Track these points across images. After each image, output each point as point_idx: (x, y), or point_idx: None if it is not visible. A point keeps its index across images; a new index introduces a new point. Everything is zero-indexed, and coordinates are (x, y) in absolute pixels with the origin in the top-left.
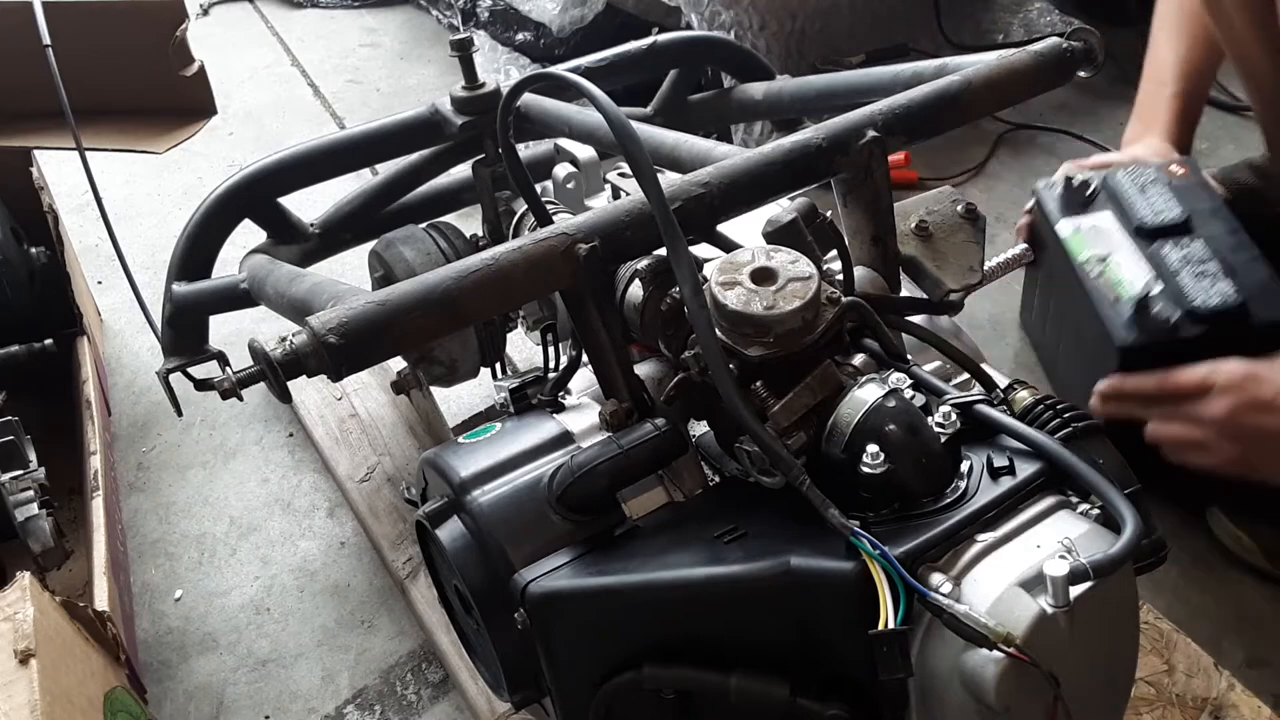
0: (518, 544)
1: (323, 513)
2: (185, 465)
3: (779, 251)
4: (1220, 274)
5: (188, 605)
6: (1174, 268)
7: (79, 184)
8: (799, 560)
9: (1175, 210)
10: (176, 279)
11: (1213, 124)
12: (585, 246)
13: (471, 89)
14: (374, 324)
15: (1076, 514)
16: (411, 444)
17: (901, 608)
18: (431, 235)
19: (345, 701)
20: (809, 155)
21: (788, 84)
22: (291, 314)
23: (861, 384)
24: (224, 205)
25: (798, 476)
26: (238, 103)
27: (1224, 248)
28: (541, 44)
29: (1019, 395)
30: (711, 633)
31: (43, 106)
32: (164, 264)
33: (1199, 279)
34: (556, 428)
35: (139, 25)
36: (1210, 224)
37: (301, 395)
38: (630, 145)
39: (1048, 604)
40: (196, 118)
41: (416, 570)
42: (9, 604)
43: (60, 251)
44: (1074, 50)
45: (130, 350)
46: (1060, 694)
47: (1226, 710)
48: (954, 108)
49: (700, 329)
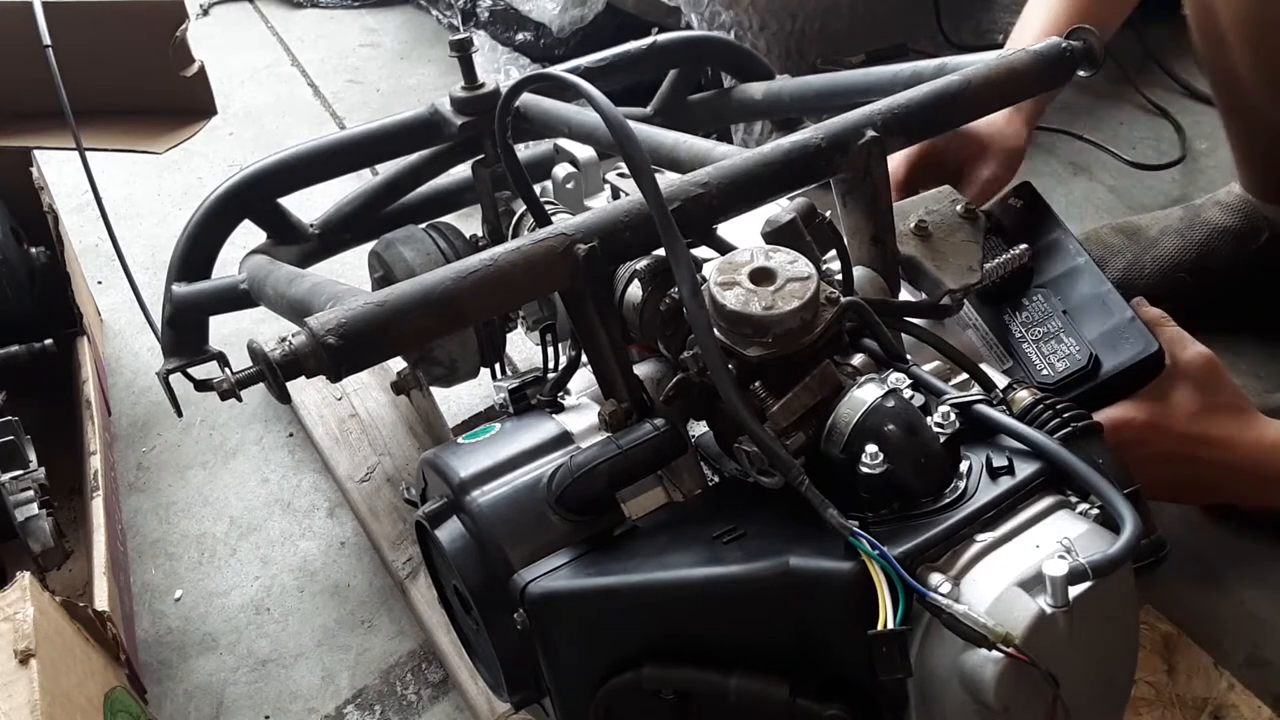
0: (517, 544)
1: (323, 513)
2: (185, 465)
3: (778, 252)
4: (1062, 331)
5: (188, 605)
6: (1017, 338)
7: (79, 184)
8: (798, 560)
9: None
10: (176, 279)
11: (1212, 124)
12: (584, 247)
13: (471, 89)
14: (373, 325)
15: (1076, 514)
16: (411, 444)
17: (901, 608)
18: (431, 235)
19: (345, 701)
20: (808, 155)
21: (787, 84)
22: (291, 315)
23: (860, 384)
24: (224, 205)
25: (797, 476)
26: (238, 103)
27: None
28: (541, 44)
29: (1018, 395)
30: (711, 633)
31: (43, 106)
32: (164, 264)
33: (1040, 345)
34: (556, 428)
35: (139, 25)
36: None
37: (301, 395)
38: (628, 146)
39: (1047, 604)
40: (196, 118)
41: (416, 570)
42: (9, 604)
43: (60, 251)
44: (1074, 50)
45: (130, 350)
46: (1059, 694)
47: (1226, 710)
48: (954, 108)
49: (699, 329)
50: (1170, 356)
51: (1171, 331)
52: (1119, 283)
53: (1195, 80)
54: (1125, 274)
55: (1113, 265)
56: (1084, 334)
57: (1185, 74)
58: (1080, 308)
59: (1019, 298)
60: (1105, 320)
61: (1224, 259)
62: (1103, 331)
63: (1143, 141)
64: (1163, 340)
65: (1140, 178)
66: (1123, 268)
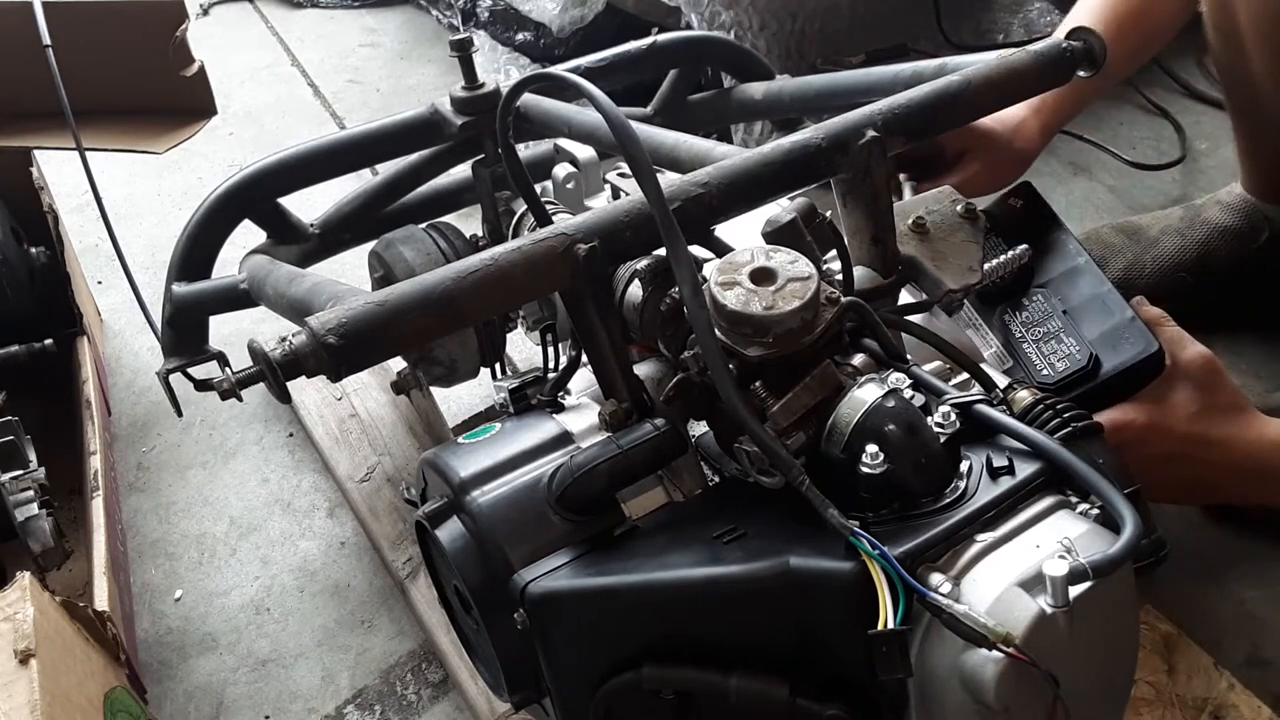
0: (517, 544)
1: (323, 513)
2: (185, 465)
3: (778, 252)
4: (1063, 331)
5: (188, 605)
6: (1017, 337)
7: (79, 184)
8: (798, 560)
9: None
10: (176, 279)
11: (1213, 124)
12: (585, 247)
13: (471, 89)
14: (373, 324)
15: (1076, 514)
16: (411, 444)
17: (901, 608)
18: (431, 235)
19: (345, 701)
20: (808, 155)
21: (788, 84)
22: (291, 314)
23: (861, 384)
24: (224, 205)
25: (797, 476)
26: (238, 103)
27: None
28: (541, 44)
29: (1018, 395)
30: (711, 633)
31: (43, 106)
32: (164, 264)
33: (1040, 345)
34: (556, 428)
35: (139, 25)
36: (1051, 262)
37: (301, 395)
38: (630, 145)
39: (1047, 604)
40: (196, 118)
41: (416, 570)
42: (9, 604)
43: (60, 251)
44: (1074, 50)
45: (130, 350)
46: (1059, 694)
47: (1226, 710)
48: (954, 108)
49: (699, 329)
50: (1170, 356)
51: (1171, 331)
52: (1119, 282)
53: (1195, 80)
54: (1126, 274)
55: (1113, 265)
56: (1084, 334)
57: (1185, 74)
58: (1080, 308)
59: (1019, 298)
60: (1105, 320)
61: (1224, 259)
62: (1103, 331)
63: (1143, 141)
64: (1163, 340)
65: (1140, 178)
66: (1123, 267)
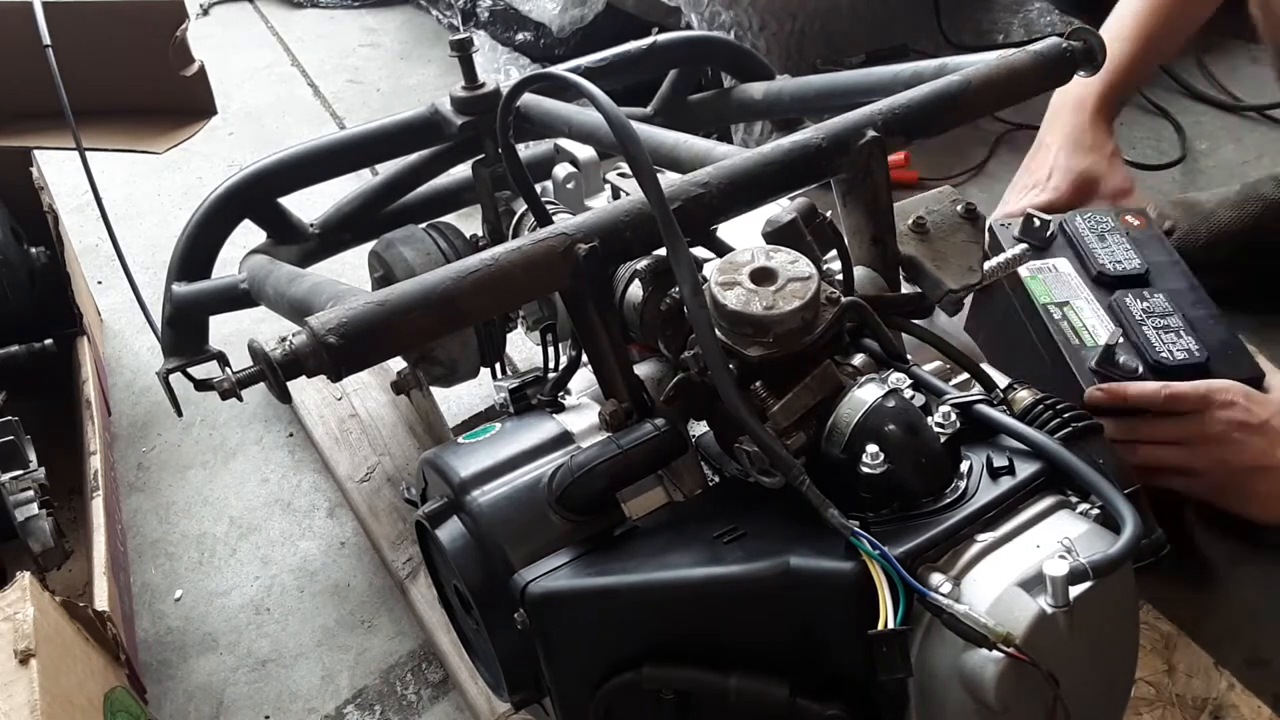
0: (517, 544)
1: (323, 513)
2: (185, 465)
3: (778, 251)
4: (1182, 329)
5: (188, 605)
6: (1136, 319)
7: (79, 184)
8: (798, 560)
9: (1135, 261)
10: (176, 279)
11: (1213, 124)
12: (585, 246)
13: (471, 89)
14: (373, 324)
15: (1076, 514)
16: (411, 444)
17: (901, 608)
18: (431, 235)
19: (345, 701)
20: (808, 155)
21: (788, 84)
22: (291, 314)
23: (861, 384)
24: (224, 205)
25: (797, 476)
26: (238, 103)
27: (1184, 304)
28: (541, 44)
29: (1019, 395)
30: (711, 633)
31: (43, 106)
32: (164, 264)
33: (1162, 333)
34: (556, 428)
35: (139, 25)
36: (1168, 278)
37: (301, 395)
38: (630, 145)
39: (1047, 604)
40: (196, 118)
41: (416, 570)
42: (9, 604)
43: (60, 251)
44: (1074, 50)
45: (130, 350)
46: (1060, 694)
47: (1226, 710)
48: (954, 108)
49: (700, 329)
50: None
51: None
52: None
53: (1195, 80)
54: (1181, 242)
55: None
56: (1204, 340)
57: (1185, 74)
58: (1194, 321)
59: (1140, 289)
60: (1216, 337)
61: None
62: (1214, 345)
63: (1143, 141)
64: None
65: (1140, 178)
66: (1178, 237)
